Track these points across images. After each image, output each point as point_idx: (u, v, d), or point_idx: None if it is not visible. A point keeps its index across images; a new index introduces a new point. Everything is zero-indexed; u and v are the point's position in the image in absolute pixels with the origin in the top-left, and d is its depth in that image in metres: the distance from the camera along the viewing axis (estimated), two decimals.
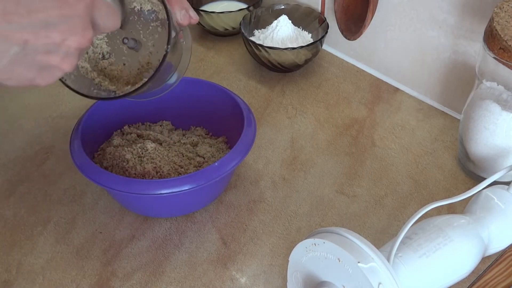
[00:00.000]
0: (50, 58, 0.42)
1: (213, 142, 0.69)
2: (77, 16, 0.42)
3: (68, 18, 0.41)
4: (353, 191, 0.67)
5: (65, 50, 0.42)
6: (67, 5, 0.41)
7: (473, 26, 0.68)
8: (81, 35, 0.43)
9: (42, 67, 0.42)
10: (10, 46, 0.40)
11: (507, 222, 0.55)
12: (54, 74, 0.44)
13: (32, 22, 0.40)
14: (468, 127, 0.64)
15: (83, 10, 0.42)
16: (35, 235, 0.63)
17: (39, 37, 0.40)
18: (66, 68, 0.43)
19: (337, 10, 0.81)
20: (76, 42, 0.42)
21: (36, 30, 0.40)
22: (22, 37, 0.40)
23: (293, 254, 0.50)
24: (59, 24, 0.41)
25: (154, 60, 0.59)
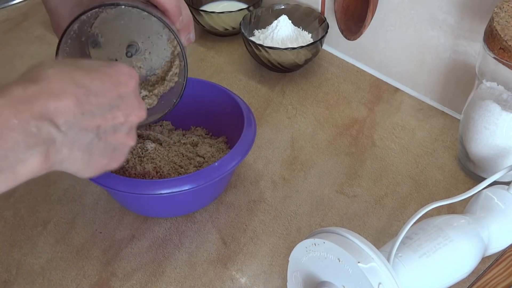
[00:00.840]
0: (118, 137, 0.44)
1: (213, 142, 0.69)
2: (132, 93, 0.45)
3: (126, 97, 0.44)
4: (353, 191, 0.67)
5: (129, 126, 0.45)
6: (122, 85, 0.44)
7: (473, 26, 0.68)
8: (138, 108, 0.45)
9: (113, 148, 0.45)
10: (87, 134, 0.41)
11: (507, 222, 0.55)
12: (123, 152, 0.46)
13: (100, 108, 0.42)
14: (468, 127, 0.64)
15: (135, 87, 0.45)
16: (35, 235, 0.63)
17: (108, 120, 0.43)
18: (131, 142, 0.46)
19: (337, 10, 0.81)
20: (137, 116, 0.45)
21: (105, 114, 0.42)
22: (95, 123, 0.42)
23: (293, 254, 0.50)
24: (120, 104, 0.43)
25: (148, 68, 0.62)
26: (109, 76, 0.43)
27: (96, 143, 0.42)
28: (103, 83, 0.42)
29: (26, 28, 0.96)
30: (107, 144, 0.43)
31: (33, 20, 0.98)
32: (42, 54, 0.90)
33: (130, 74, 0.45)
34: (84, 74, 0.41)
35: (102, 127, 0.42)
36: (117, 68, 0.44)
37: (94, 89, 0.41)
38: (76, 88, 0.40)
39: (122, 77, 0.44)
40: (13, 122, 0.36)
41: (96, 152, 0.43)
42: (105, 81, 0.42)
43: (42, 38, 0.94)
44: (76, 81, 0.40)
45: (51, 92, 0.38)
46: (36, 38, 0.94)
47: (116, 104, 0.43)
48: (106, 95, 0.42)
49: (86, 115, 0.40)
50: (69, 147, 0.40)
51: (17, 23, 0.98)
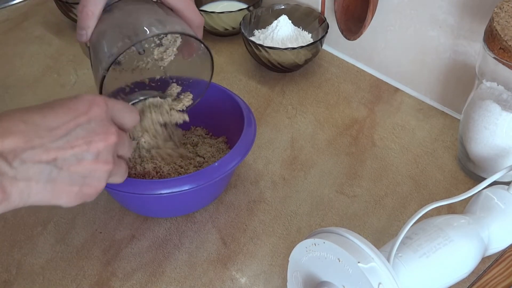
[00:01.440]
0: (83, 164, 0.44)
1: (213, 142, 0.69)
2: (93, 120, 0.45)
3: (85, 124, 0.44)
4: (353, 191, 0.67)
5: (95, 152, 0.44)
6: (81, 115, 0.44)
7: (473, 26, 0.68)
8: (103, 133, 0.45)
9: (81, 175, 0.44)
10: (42, 167, 0.42)
11: (507, 222, 0.55)
12: (97, 178, 0.46)
13: (53, 140, 0.42)
14: (468, 127, 0.64)
15: (98, 112, 0.45)
16: (35, 235, 0.63)
17: (65, 150, 0.43)
18: (104, 167, 0.46)
19: (337, 10, 0.81)
20: (101, 141, 0.45)
21: (60, 145, 0.43)
22: (49, 156, 0.42)
23: (293, 254, 0.50)
24: (79, 132, 0.44)
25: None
26: (66, 107, 0.44)
27: (57, 174, 0.43)
28: (57, 117, 0.43)
29: (26, 28, 0.96)
30: (71, 173, 0.44)
31: (33, 20, 0.98)
32: (42, 54, 0.90)
33: (92, 101, 0.45)
34: (36, 111, 0.43)
35: (60, 158, 0.43)
36: (78, 98, 0.45)
37: (46, 124, 0.42)
38: (23, 126, 0.41)
39: (82, 106, 0.44)
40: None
41: (59, 182, 0.43)
42: (60, 114, 0.43)
43: (42, 38, 0.94)
44: (24, 119, 0.42)
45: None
46: (36, 38, 0.94)
47: (73, 134, 0.43)
48: (60, 127, 0.43)
49: (36, 150, 0.41)
50: (24, 179, 0.41)
51: (17, 23, 0.98)
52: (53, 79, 0.85)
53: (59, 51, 0.91)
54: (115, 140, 0.46)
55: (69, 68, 0.87)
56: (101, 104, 0.46)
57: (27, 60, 0.89)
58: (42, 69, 0.87)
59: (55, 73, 0.87)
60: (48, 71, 0.87)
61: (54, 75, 0.86)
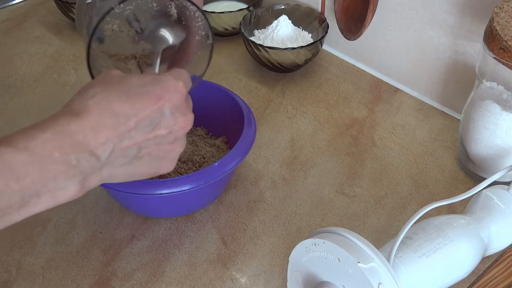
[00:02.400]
0: (161, 148, 0.46)
1: (213, 142, 0.69)
2: (175, 108, 0.45)
3: (168, 112, 0.45)
4: (353, 191, 0.67)
5: (173, 137, 0.46)
6: (165, 102, 0.44)
7: (473, 26, 0.68)
8: (182, 121, 0.46)
9: (159, 158, 0.46)
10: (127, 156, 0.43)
11: (507, 222, 0.55)
12: (171, 159, 0.48)
13: (139, 129, 0.43)
14: (468, 127, 0.64)
15: (180, 100, 0.46)
16: (35, 235, 0.63)
17: (148, 137, 0.44)
18: (178, 149, 0.47)
19: (337, 10, 0.81)
20: (180, 128, 0.46)
21: (144, 133, 0.44)
22: (135, 144, 0.43)
23: (293, 254, 0.50)
24: (162, 120, 0.44)
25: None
26: (152, 95, 0.44)
27: (137, 159, 0.44)
28: (143, 104, 0.43)
29: (26, 28, 0.96)
30: (150, 157, 0.45)
31: (33, 20, 0.98)
32: (42, 54, 0.90)
33: (175, 88, 0.45)
34: (125, 101, 0.42)
35: (143, 144, 0.44)
36: (163, 84, 0.45)
37: (134, 114, 0.42)
38: (115, 118, 0.42)
39: (166, 93, 0.45)
40: (56, 155, 0.39)
41: (139, 165, 0.45)
42: (146, 102, 0.43)
43: (42, 38, 0.94)
44: (115, 111, 0.42)
45: (91, 125, 0.41)
46: (36, 38, 0.94)
47: (157, 122, 0.44)
48: (146, 116, 0.43)
49: (125, 140, 0.42)
50: (108, 169, 0.43)
51: (17, 23, 0.98)
52: (53, 79, 0.85)
53: (59, 51, 0.91)
54: (191, 125, 0.47)
55: (69, 68, 0.87)
56: (183, 90, 0.46)
57: (27, 60, 0.89)
58: (42, 69, 0.87)
59: (55, 73, 0.87)
60: (48, 71, 0.87)
61: (54, 75, 0.86)
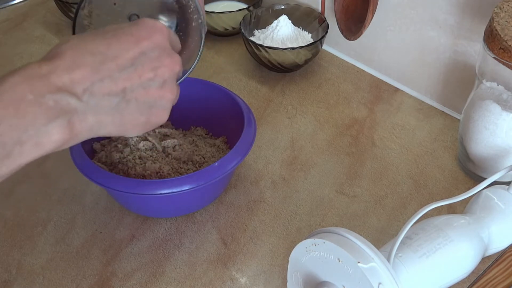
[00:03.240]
0: (150, 92, 0.44)
1: (213, 142, 0.69)
2: (158, 47, 0.44)
3: (150, 51, 0.43)
4: (353, 191, 0.67)
5: (161, 80, 0.44)
6: (145, 41, 0.43)
7: (473, 26, 0.68)
8: (168, 61, 0.44)
9: (148, 105, 0.44)
10: (111, 98, 0.41)
11: (507, 222, 0.55)
12: (163, 106, 0.45)
13: (121, 70, 0.41)
14: (468, 127, 0.64)
15: (161, 39, 0.44)
16: (35, 235, 0.63)
17: (133, 80, 0.42)
18: (169, 95, 0.45)
19: (337, 10, 0.81)
20: (167, 70, 0.44)
21: (127, 75, 0.42)
22: (118, 87, 0.41)
23: (293, 254, 0.50)
24: (145, 60, 0.43)
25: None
26: (129, 35, 0.42)
27: (125, 105, 0.42)
28: (121, 45, 0.42)
29: (26, 28, 0.96)
30: (138, 103, 0.43)
31: (33, 20, 0.98)
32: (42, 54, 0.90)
33: (153, 27, 0.44)
34: (100, 41, 0.41)
35: (128, 87, 0.42)
36: (140, 24, 0.44)
37: (112, 54, 0.41)
38: (90, 57, 0.40)
39: (144, 32, 0.43)
40: (29, 97, 0.37)
41: (127, 112, 0.43)
42: (123, 42, 0.42)
43: (42, 38, 0.94)
44: (90, 50, 0.40)
45: (65, 66, 0.39)
46: (36, 38, 0.94)
47: (139, 62, 0.42)
48: (126, 56, 0.42)
49: (105, 81, 0.41)
50: (93, 114, 0.41)
51: (17, 23, 0.98)
52: None
53: None
54: (179, 68, 0.45)
55: None
56: (164, 30, 0.44)
57: (27, 60, 0.89)
58: None
59: None
60: None
61: None
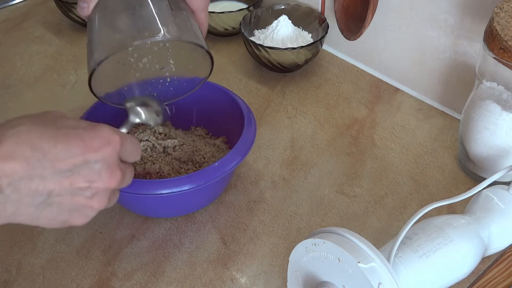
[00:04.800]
0: (77, 200, 0.43)
1: (213, 142, 0.69)
2: (103, 161, 0.42)
3: (93, 163, 0.42)
4: (353, 191, 0.67)
5: (93, 192, 0.43)
6: (92, 151, 0.42)
7: (473, 26, 0.68)
8: (106, 179, 0.43)
9: (72, 209, 0.43)
10: (34, 197, 0.40)
11: (507, 222, 0.55)
12: (85, 214, 0.44)
13: (55, 172, 0.40)
14: (468, 127, 0.64)
15: (110, 154, 0.43)
16: (35, 235, 0.63)
17: (63, 185, 0.41)
18: (96, 206, 0.44)
19: (337, 10, 0.81)
20: (102, 185, 0.43)
21: (60, 179, 0.41)
22: (46, 188, 0.41)
23: (293, 254, 0.50)
24: (84, 170, 0.42)
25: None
26: (80, 140, 0.41)
27: (46, 206, 0.41)
28: (68, 147, 0.41)
29: (26, 28, 0.96)
30: (61, 206, 0.42)
31: (33, 20, 0.98)
32: (42, 54, 0.90)
33: (108, 139, 0.43)
34: (48, 137, 0.40)
35: (55, 191, 0.41)
36: (96, 131, 0.42)
37: (54, 154, 0.40)
38: (29, 152, 0.39)
39: (96, 142, 0.42)
40: None
41: (47, 212, 0.42)
42: (71, 146, 0.41)
43: (42, 38, 0.94)
44: (33, 144, 0.40)
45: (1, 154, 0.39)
46: (36, 38, 0.94)
47: (77, 170, 0.41)
48: (66, 160, 0.41)
49: (34, 180, 0.40)
50: (14, 207, 0.40)
51: (17, 23, 0.98)
52: (53, 79, 0.85)
53: (59, 51, 0.91)
54: (115, 185, 0.44)
55: (69, 68, 0.87)
56: (117, 146, 0.43)
57: (27, 60, 0.89)
58: (42, 69, 0.87)
59: (55, 73, 0.87)
60: (48, 71, 0.87)
61: (54, 75, 0.86)
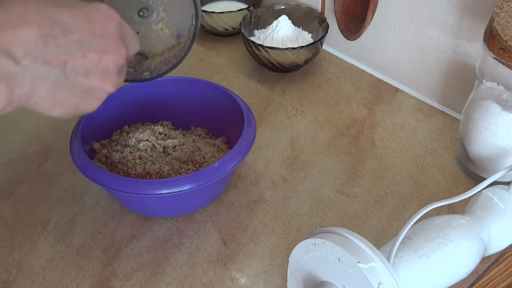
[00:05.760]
0: (91, 80, 0.42)
1: (213, 142, 0.69)
2: (108, 35, 0.42)
3: (100, 37, 0.42)
4: (353, 191, 0.67)
5: (103, 70, 0.43)
6: (97, 25, 0.41)
7: (473, 26, 0.68)
8: (115, 52, 0.43)
9: (85, 90, 0.42)
10: (51, 70, 0.39)
11: (507, 222, 0.55)
12: (97, 96, 0.44)
13: (67, 43, 0.39)
14: (468, 127, 0.64)
15: (113, 29, 0.43)
16: (35, 235, 0.63)
17: (76, 58, 0.40)
18: (107, 87, 0.44)
19: (337, 10, 0.81)
20: (112, 60, 0.43)
21: (72, 51, 0.40)
22: (60, 59, 0.39)
23: (293, 254, 0.50)
24: (93, 43, 0.41)
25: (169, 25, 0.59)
26: (83, 13, 0.41)
27: (62, 81, 0.40)
28: (74, 18, 0.40)
29: None
30: (75, 84, 0.41)
31: None
32: None
33: (109, 15, 0.42)
34: (54, 6, 0.39)
35: (69, 64, 0.40)
36: (96, 7, 0.42)
37: (63, 23, 0.39)
38: (40, 18, 0.37)
39: (99, 16, 0.42)
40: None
41: (62, 90, 0.40)
42: (77, 17, 0.40)
43: None
44: (42, 11, 0.38)
45: (10, 20, 0.36)
46: None
47: (86, 43, 0.40)
48: (75, 32, 0.40)
49: (49, 48, 0.38)
50: (31, 81, 0.38)
51: None
52: None
53: None
54: (123, 62, 0.44)
55: None
56: (117, 21, 0.43)
57: None
58: None
59: None
60: None
61: None
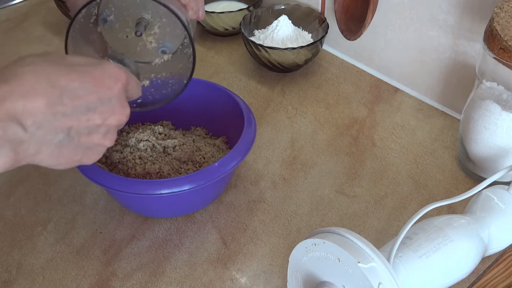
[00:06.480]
0: (93, 138, 0.44)
1: (213, 142, 0.69)
2: (115, 97, 0.44)
3: (107, 100, 0.44)
4: (353, 191, 0.67)
5: (106, 129, 0.45)
6: (105, 88, 0.43)
7: (473, 26, 0.68)
8: (119, 113, 0.45)
9: (87, 147, 0.45)
10: (56, 134, 0.41)
11: (507, 222, 0.55)
12: (98, 151, 0.46)
13: (74, 109, 0.42)
14: (468, 127, 0.64)
15: (119, 90, 0.45)
16: (35, 235, 0.63)
17: (81, 122, 0.42)
18: (107, 143, 0.46)
19: (337, 10, 0.81)
20: (116, 120, 0.45)
21: (79, 116, 0.42)
22: (66, 125, 0.42)
23: (293, 254, 0.50)
24: (99, 107, 0.43)
25: (158, 41, 0.60)
26: (92, 77, 0.43)
27: (66, 142, 0.42)
28: (83, 84, 0.42)
29: (26, 28, 0.96)
30: (79, 144, 0.44)
31: (33, 20, 0.98)
32: None
33: (117, 76, 0.44)
34: (64, 74, 0.41)
35: (75, 128, 0.42)
36: (104, 69, 0.44)
37: (71, 90, 0.41)
38: (49, 89, 0.40)
39: (107, 79, 0.43)
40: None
41: (66, 150, 0.43)
42: (86, 83, 0.42)
43: (42, 38, 0.94)
44: (51, 81, 0.40)
45: (21, 92, 0.39)
46: (36, 38, 0.94)
47: (93, 107, 0.43)
48: (83, 97, 0.42)
49: (57, 116, 0.41)
50: (37, 145, 0.41)
51: (17, 23, 0.98)
52: None
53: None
54: (126, 120, 0.46)
55: None
56: (124, 81, 0.45)
57: None
58: None
59: None
60: None
61: None
